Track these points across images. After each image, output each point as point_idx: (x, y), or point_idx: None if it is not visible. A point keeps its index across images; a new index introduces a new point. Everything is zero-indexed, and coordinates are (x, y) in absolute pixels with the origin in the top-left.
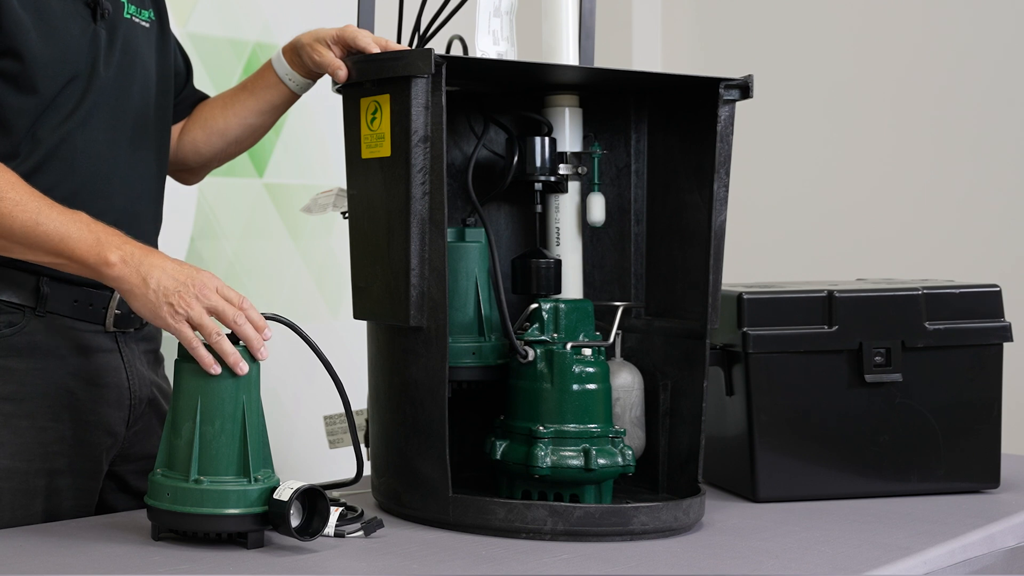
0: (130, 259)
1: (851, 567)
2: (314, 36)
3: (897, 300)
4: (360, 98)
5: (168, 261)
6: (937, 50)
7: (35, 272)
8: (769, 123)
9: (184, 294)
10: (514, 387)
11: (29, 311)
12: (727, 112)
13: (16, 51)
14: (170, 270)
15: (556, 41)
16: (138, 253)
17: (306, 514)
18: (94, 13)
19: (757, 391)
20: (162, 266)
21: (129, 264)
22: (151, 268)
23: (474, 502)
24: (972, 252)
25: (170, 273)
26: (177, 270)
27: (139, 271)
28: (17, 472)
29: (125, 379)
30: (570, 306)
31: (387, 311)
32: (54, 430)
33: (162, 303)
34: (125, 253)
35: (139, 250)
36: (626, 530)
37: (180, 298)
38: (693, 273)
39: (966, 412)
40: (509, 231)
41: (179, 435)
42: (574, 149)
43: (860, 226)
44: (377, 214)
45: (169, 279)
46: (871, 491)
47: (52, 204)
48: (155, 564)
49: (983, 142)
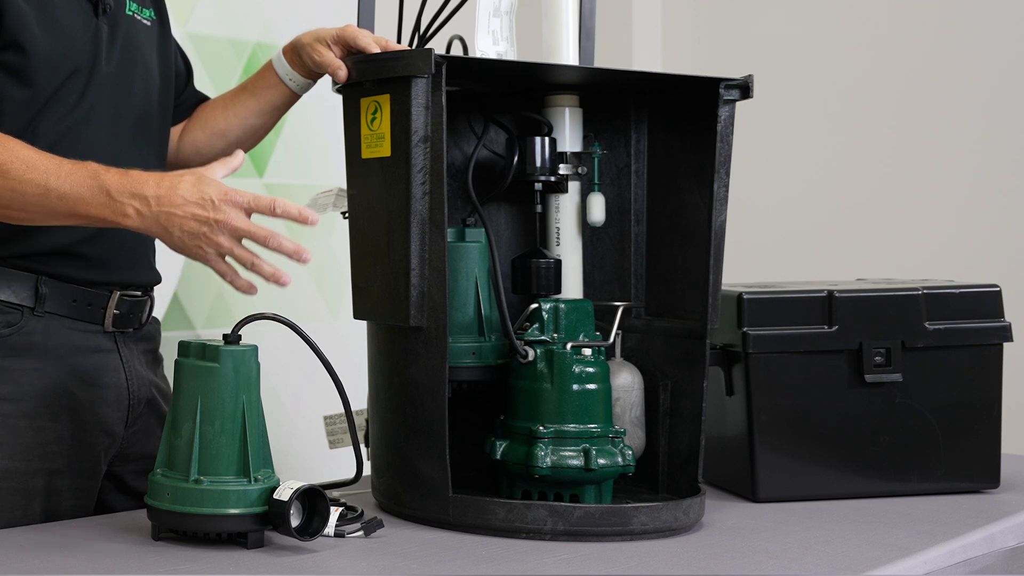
0: (145, 211)
1: (851, 567)
2: (314, 36)
3: (897, 300)
4: (360, 98)
5: (183, 200)
6: (937, 50)
7: (34, 272)
8: (769, 123)
9: (210, 234)
10: (514, 387)
11: (28, 311)
12: (727, 112)
13: (18, 44)
14: (190, 211)
15: (556, 41)
16: (152, 201)
17: (306, 514)
18: (96, 8)
19: (757, 391)
20: (181, 210)
21: (146, 217)
22: (170, 217)
23: (474, 502)
24: (972, 252)
25: (191, 214)
26: (197, 208)
27: (159, 222)
28: (16, 472)
29: (124, 379)
30: (570, 306)
31: (387, 311)
32: (52, 430)
33: (191, 247)
34: (139, 204)
35: (153, 196)
36: (626, 530)
37: (207, 239)
38: (693, 273)
39: (966, 412)
40: (509, 231)
41: (179, 435)
42: (574, 149)
43: (860, 226)
44: (377, 214)
45: (191, 222)
46: (871, 491)
47: (59, 164)
48: (155, 564)
49: (983, 142)
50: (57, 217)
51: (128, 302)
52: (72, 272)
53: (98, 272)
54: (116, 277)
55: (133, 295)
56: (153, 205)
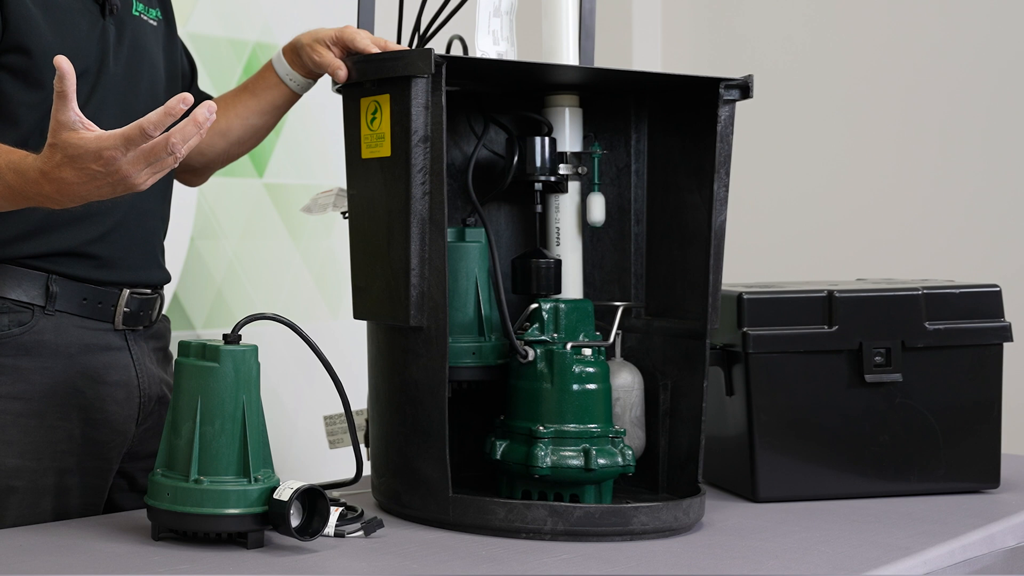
0: (57, 202)
1: (851, 567)
2: (313, 36)
3: (897, 300)
4: (360, 98)
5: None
6: (938, 50)
7: (44, 271)
8: (769, 123)
9: (122, 183)
10: (514, 387)
11: (38, 310)
12: (727, 112)
13: (25, 46)
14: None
15: (556, 41)
16: (55, 195)
17: (306, 514)
18: (103, 9)
19: (757, 391)
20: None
21: (64, 204)
22: (81, 199)
23: (474, 502)
24: (972, 252)
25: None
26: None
27: (75, 202)
28: (26, 470)
29: (134, 377)
30: (570, 306)
31: (387, 311)
32: (63, 429)
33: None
34: (46, 201)
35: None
36: (626, 530)
37: (126, 187)
38: (693, 273)
39: (966, 412)
40: (509, 231)
41: (179, 435)
42: (574, 149)
43: (860, 226)
44: (377, 214)
45: (100, 190)
46: (871, 491)
47: None
48: (155, 564)
49: (983, 142)
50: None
51: (138, 300)
52: (82, 271)
53: (108, 271)
54: (126, 276)
55: (143, 293)
56: (58, 197)
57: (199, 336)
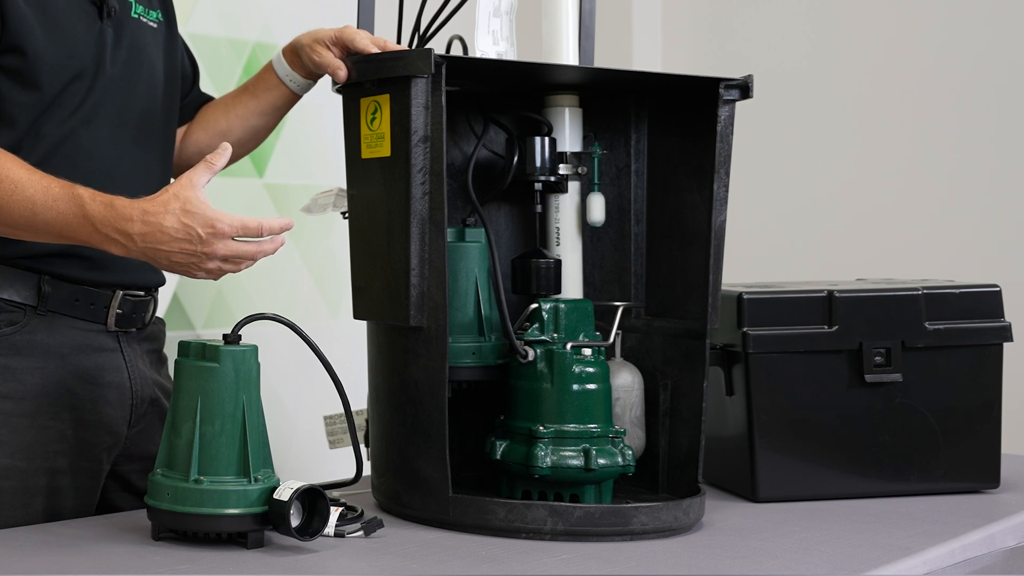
0: (131, 246)
1: (851, 567)
2: (313, 37)
3: (897, 300)
4: (360, 98)
5: (168, 237)
6: (942, 50)
7: (36, 271)
8: (769, 123)
9: (199, 263)
10: (514, 387)
11: (30, 310)
12: (727, 112)
13: (20, 47)
14: (177, 246)
15: (556, 41)
16: (137, 239)
17: (306, 514)
18: (100, 11)
19: (757, 391)
20: (167, 246)
21: (133, 251)
22: (156, 252)
23: (474, 502)
24: (972, 252)
25: (178, 248)
26: (184, 243)
27: (145, 255)
28: (17, 471)
29: (127, 379)
30: (570, 306)
31: (387, 311)
32: (55, 429)
33: (181, 272)
34: (124, 239)
35: (138, 234)
36: (626, 530)
37: (196, 267)
38: (693, 273)
39: (966, 412)
40: (509, 231)
41: (179, 435)
42: (574, 149)
43: (860, 226)
44: (377, 214)
45: (179, 255)
46: (871, 491)
47: (47, 188)
48: (155, 564)
49: (983, 142)
50: (45, 237)
51: (131, 302)
52: (75, 272)
53: (100, 272)
54: (119, 277)
55: (136, 295)
56: (139, 242)
57: (199, 336)
